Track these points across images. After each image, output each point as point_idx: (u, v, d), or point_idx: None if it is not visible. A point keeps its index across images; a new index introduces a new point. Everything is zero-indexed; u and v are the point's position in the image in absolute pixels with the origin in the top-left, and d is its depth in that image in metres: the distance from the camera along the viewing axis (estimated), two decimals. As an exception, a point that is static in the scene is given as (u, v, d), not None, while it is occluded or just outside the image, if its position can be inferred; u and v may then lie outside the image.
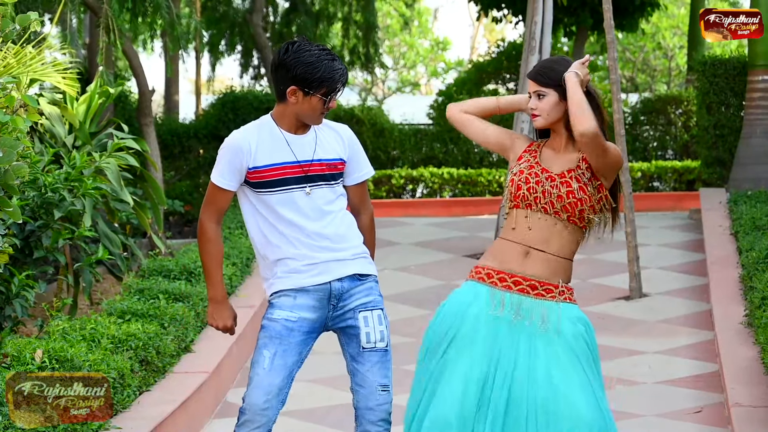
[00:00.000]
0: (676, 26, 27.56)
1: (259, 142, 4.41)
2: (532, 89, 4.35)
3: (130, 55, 10.47)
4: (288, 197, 4.41)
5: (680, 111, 15.14)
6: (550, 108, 4.32)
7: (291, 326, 4.38)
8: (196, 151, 13.67)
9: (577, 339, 4.27)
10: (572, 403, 4.19)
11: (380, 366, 4.45)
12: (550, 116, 4.32)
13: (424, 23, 35.28)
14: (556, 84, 4.30)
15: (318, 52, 4.38)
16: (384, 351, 4.47)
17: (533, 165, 4.35)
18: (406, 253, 10.52)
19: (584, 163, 4.32)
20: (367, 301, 4.51)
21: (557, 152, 4.38)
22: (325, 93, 4.36)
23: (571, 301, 4.33)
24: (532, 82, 4.35)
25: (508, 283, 4.32)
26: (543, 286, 4.30)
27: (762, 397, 6.07)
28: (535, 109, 4.33)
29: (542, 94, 4.32)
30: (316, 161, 4.45)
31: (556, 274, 4.31)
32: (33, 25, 5.73)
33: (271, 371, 4.35)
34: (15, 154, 5.14)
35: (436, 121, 15.67)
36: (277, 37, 18.91)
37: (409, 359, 7.64)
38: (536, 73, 4.35)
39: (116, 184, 7.63)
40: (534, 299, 4.29)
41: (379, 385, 4.43)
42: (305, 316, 4.40)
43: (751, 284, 7.78)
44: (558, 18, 14.73)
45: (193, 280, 8.13)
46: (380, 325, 4.50)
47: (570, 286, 4.37)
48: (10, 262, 6.64)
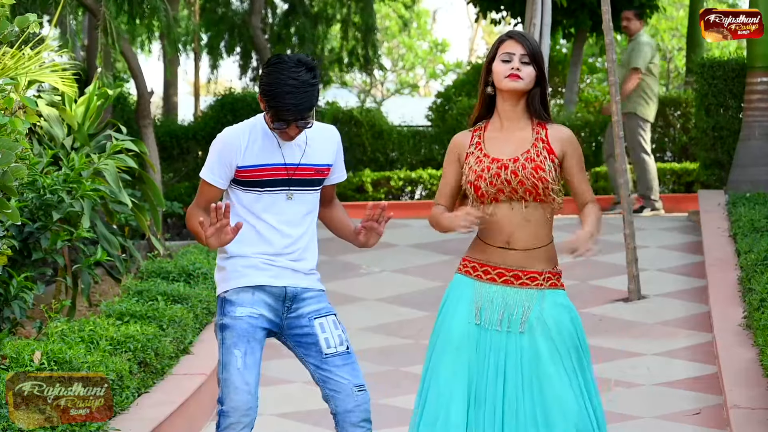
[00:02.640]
0: (675, 28, 27.56)
1: (249, 141, 4.40)
2: (518, 51, 4.24)
3: (129, 57, 10.46)
4: (270, 199, 4.40)
5: (679, 113, 15.13)
6: (530, 79, 4.26)
7: (254, 323, 4.36)
8: (194, 152, 13.67)
9: (560, 330, 4.23)
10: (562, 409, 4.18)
11: (349, 367, 4.42)
12: (527, 86, 4.26)
13: (422, 25, 35.30)
14: (537, 62, 4.26)
15: (289, 79, 4.26)
16: (347, 353, 4.43)
17: (481, 159, 4.28)
18: (404, 254, 10.53)
19: (541, 143, 4.28)
20: (319, 307, 4.47)
21: (504, 132, 4.31)
22: (273, 119, 4.31)
23: (557, 287, 4.30)
24: (519, 44, 4.25)
25: (492, 275, 4.30)
26: (526, 275, 4.27)
27: (760, 399, 6.07)
28: (519, 71, 4.23)
29: (526, 62, 4.26)
30: (303, 165, 4.43)
31: (538, 260, 4.29)
32: (31, 27, 5.72)
33: (245, 370, 4.32)
34: (13, 155, 5.14)
35: (435, 122, 15.66)
36: (276, 38, 18.91)
37: (407, 361, 7.64)
38: (527, 39, 4.26)
39: (115, 185, 7.62)
40: (518, 289, 4.27)
41: (355, 386, 4.40)
42: (264, 313, 4.39)
43: (750, 286, 7.78)
44: (557, 20, 14.72)
45: (191, 281, 8.13)
46: (336, 329, 4.45)
47: (557, 270, 4.33)
48: (9, 264, 6.63)
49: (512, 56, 4.25)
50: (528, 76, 4.25)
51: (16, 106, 6.12)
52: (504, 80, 4.25)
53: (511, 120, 4.31)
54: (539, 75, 4.27)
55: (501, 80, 4.25)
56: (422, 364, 4.46)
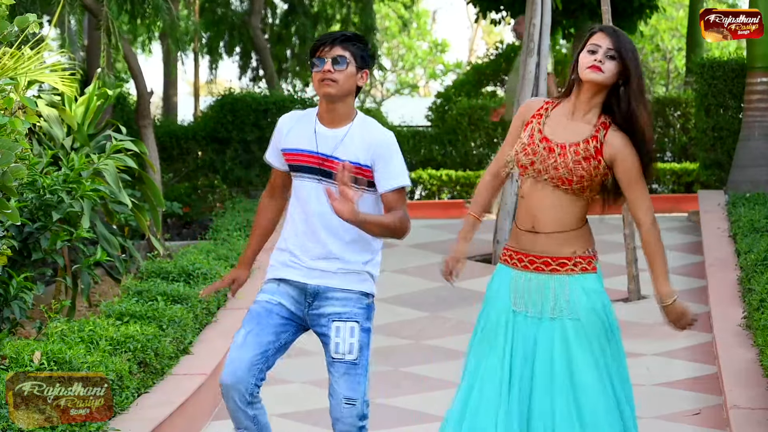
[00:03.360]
0: (675, 28, 27.55)
1: (294, 126, 4.53)
2: (605, 44, 4.22)
3: (129, 57, 10.46)
4: (302, 185, 4.49)
5: (679, 113, 15.13)
6: (611, 74, 4.24)
7: (269, 308, 4.50)
8: (194, 153, 13.66)
9: (589, 315, 4.27)
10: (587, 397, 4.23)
11: (347, 378, 4.44)
12: (607, 80, 4.24)
13: (422, 25, 35.28)
14: (624, 61, 4.22)
15: None
16: (352, 364, 4.45)
17: (534, 134, 4.31)
18: (404, 255, 10.53)
19: (594, 141, 4.29)
20: (343, 311, 4.50)
21: (569, 117, 4.31)
22: (311, 56, 4.45)
23: (587, 271, 4.32)
24: (607, 38, 4.23)
25: (525, 263, 4.34)
26: (556, 261, 4.30)
27: (760, 399, 6.07)
28: (603, 64, 4.21)
29: (611, 56, 4.22)
30: (333, 158, 4.44)
31: (569, 245, 4.30)
32: (31, 27, 5.72)
33: (243, 346, 4.43)
34: (13, 155, 5.14)
35: (435, 123, 15.66)
36: (276, 39, 18.91)
37: (408, 361, 7.64)
38: (618, 34, 4.23)
39: (114, 186, 7.62)
40: (549, 275, 4.30)
41: (344, 398, 4.43)
42: (284, 303, 4.52)
43: (750, 286, 7.78)
44: (556, 20, 14.72)
45: (191, 282, 8.12)
46: (351, 337, 4.46)
47: (587, 254, 4.34)
48: (9, 264, 6.64)
49: (598, 48, 4.24)
50: (609, 71, 4.23)
51: (15, 106, 6.12)
52: (585, 71, 4.24)
53: (580, 110, 4.31)
54: (625, 72, 4.25)
55: (583, 70, 4.25)
56: (422, 364, 4.49)
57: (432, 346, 7.97)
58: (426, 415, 6.45)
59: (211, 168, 13.30)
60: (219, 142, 13.33)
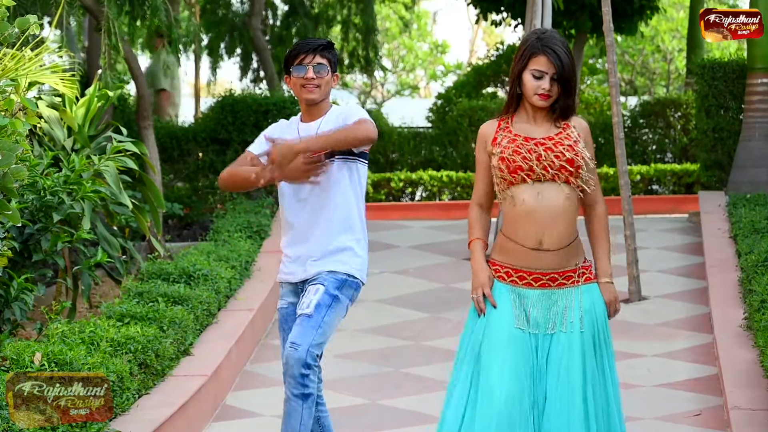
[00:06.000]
0: (675, 29, 27.56)
1: (281, 129, 4.96)
2: (550, 71, 4.25)
3: (129, 59, 10.46)
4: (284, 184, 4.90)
5: (679, 114, 15.12)
6: (556, 94, 4.29)
7: (284, 313, 4.97)
8: (195, 154, 13.64)
9: (596, 326, 4.30)
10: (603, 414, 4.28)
11: (298, 328, 4.74)
12: (554, 100, 4.30)
13: (423, 26, 35.28)
14: (568, 81, 4.26)
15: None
16: (307, 317, 4.75)
17: (514, 138, 4.32)
18: (404, 256, 10.52)
19: (568, 129, 4.30)
20: (316, 278, 4.87)
21: (532, 121, 4.34)
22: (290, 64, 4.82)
23: (591, 281, 4.33)
24: (551, 64, 4.24)
25: (528, 280, 4.30)
26: (563, 275, 4.29)
27: (761, 400, 6.07)
28: (550, 91, 4.27)
29: (557, 79, 4.26)
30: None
31: (572, 256, 4.30)
32: (32, 28, 5.73)
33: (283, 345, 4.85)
34: (14, 157, 5.15)
35: (435, 124, 15.66)
36: (277, 40, 18.90)
37: (407, 362, 7.64)
38: (560, 58, 4.24)
39: (115, 187, 7.62)
40: (556, 290, 4.29)
41: (290, 342, 4.72)
42: (292, 301, 4.97)
43: (750, 287, 7.78)
44: (557, 21, 14.71)
45: (192, 283, 8.12)
46: (315, 294, 4.80)
47: (586, 263, 4.35)
48: (9, 266, 6.64)
49: (544, 75, 4.26)
50: (555, 93, 4.30)
51: (16, 107, 6.12)
52: (534, 97, 4.30)
53: (539, 115, 4.35)
54: (567, 88, 4.30)
55: (530, 96, 4.30)
56: (422, 365, 4.48)
57: (432, 347, 7.97)
58: (426, 415, 6.45)
59: (211, 169, 13.29)
60: (219, 143, 13.32)
